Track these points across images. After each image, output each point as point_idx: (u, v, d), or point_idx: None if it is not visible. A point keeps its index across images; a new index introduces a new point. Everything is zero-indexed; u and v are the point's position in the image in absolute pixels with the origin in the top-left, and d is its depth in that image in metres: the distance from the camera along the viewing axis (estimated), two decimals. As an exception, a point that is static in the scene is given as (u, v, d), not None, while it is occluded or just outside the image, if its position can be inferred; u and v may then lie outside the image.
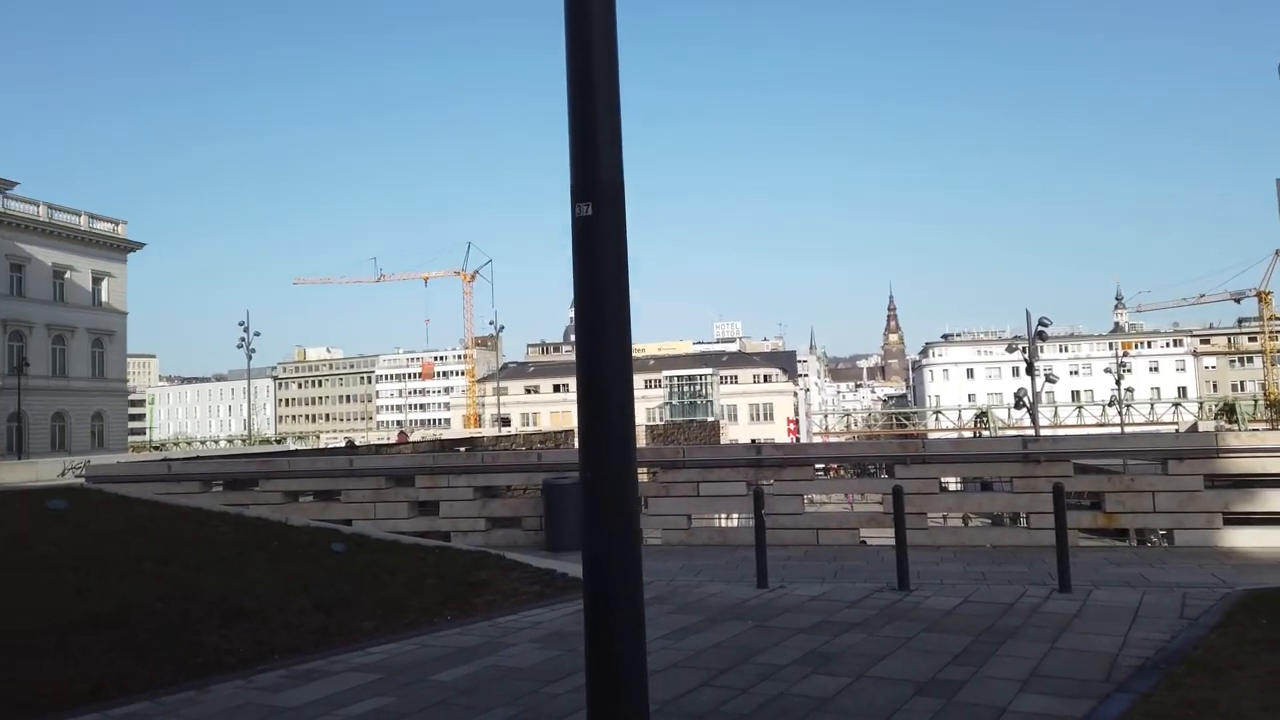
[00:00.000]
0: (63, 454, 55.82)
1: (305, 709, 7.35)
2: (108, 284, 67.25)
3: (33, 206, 61.59)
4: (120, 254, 69.07)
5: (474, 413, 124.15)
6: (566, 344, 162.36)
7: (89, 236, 65.77)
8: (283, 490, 18.04)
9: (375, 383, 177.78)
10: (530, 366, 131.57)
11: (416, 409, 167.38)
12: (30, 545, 11.31)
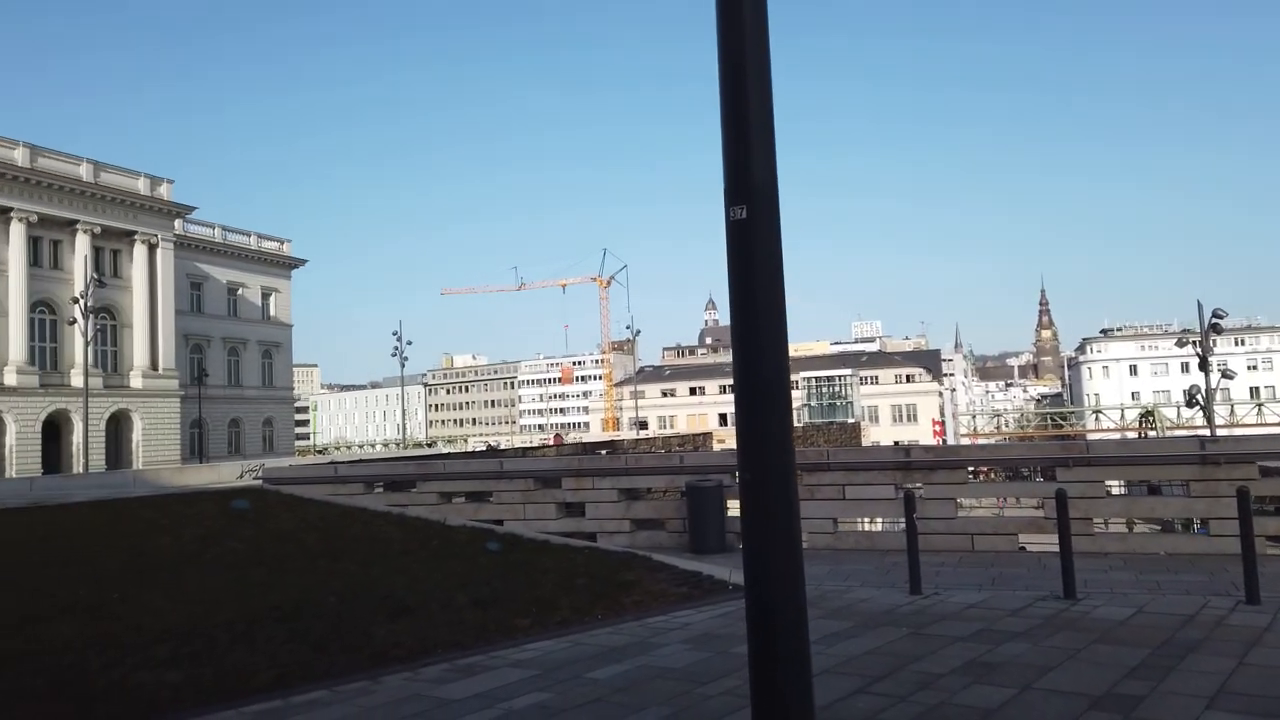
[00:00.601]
0: (238, 457, 60.29)
1: (469, 702, 7.66)
2: (275, 299, 72.25)
3: (209, 229, 66.89)
4: (285, 270, 74.07)
5: (612, 416, 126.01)
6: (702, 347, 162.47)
7: (258, 255, 70.83)
8: (438, 491, 18.86)
9: (518, 388, 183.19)
10: (666, 370, 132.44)
11: (556, 413, 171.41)
12: (219, 542, 12.29)
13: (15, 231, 47.68)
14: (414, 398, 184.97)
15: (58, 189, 49.46)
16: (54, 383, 49.58)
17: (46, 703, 8.22)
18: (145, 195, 55.04)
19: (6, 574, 10.66)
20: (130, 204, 53.82)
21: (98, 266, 51.01)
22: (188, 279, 63.21)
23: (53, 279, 50.12)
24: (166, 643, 9.25)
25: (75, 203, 50.79)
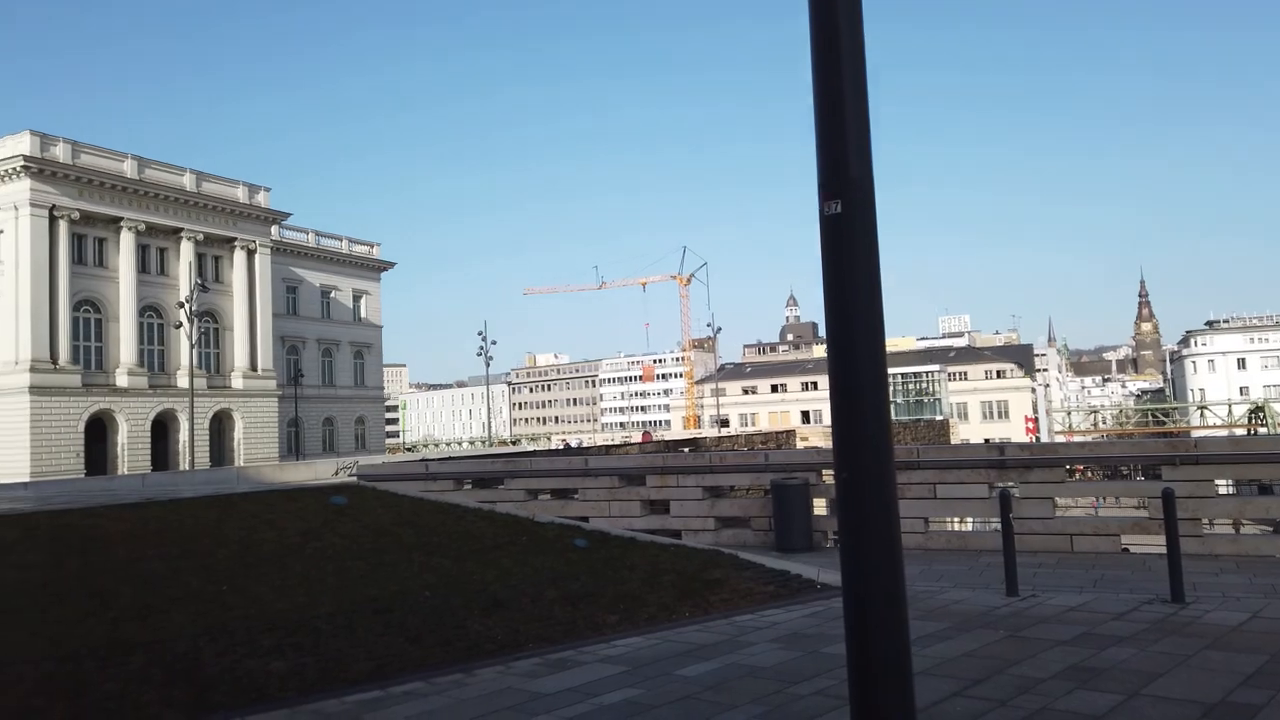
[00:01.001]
0: (331, 455, 62.37)
1: (561, 696, 7.77)
2: (365, 301, 74.46)
3: (303, 234, 69.34)
4: (375, 273, 76.25)
5: (693, 414, 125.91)
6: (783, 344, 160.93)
7: (349, 259, 73.11)
8: (525, 489, 19.17)
9: (599, 386, 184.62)
10: (747, 368, 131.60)
11: (638, 411, 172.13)
12: (320, 536, 12.74)
13: (125, 240, 50.28)
14: (498, 396, 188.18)
15: (163, 199, 51.98)
16: (161, 384, 52.11)
17: (164, 688, 8.65)
18: (244, 203, 57.38)
19: (128, 567, 11.26)
20: (230, 211, 56.19)
21: (200, 272, 53.41)
22: (284, 283, 65.65)
23: (159, 285, 52.66)
24: (273, 633, 9.63)
25: (180, 211, 53.26)
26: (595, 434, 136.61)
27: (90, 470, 46.09)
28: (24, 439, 44.88)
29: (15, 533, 12.07)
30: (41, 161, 45.98)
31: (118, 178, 49.98)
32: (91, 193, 48.83)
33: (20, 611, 9.65)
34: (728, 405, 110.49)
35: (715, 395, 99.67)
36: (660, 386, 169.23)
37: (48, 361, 45.83)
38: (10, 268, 45.88)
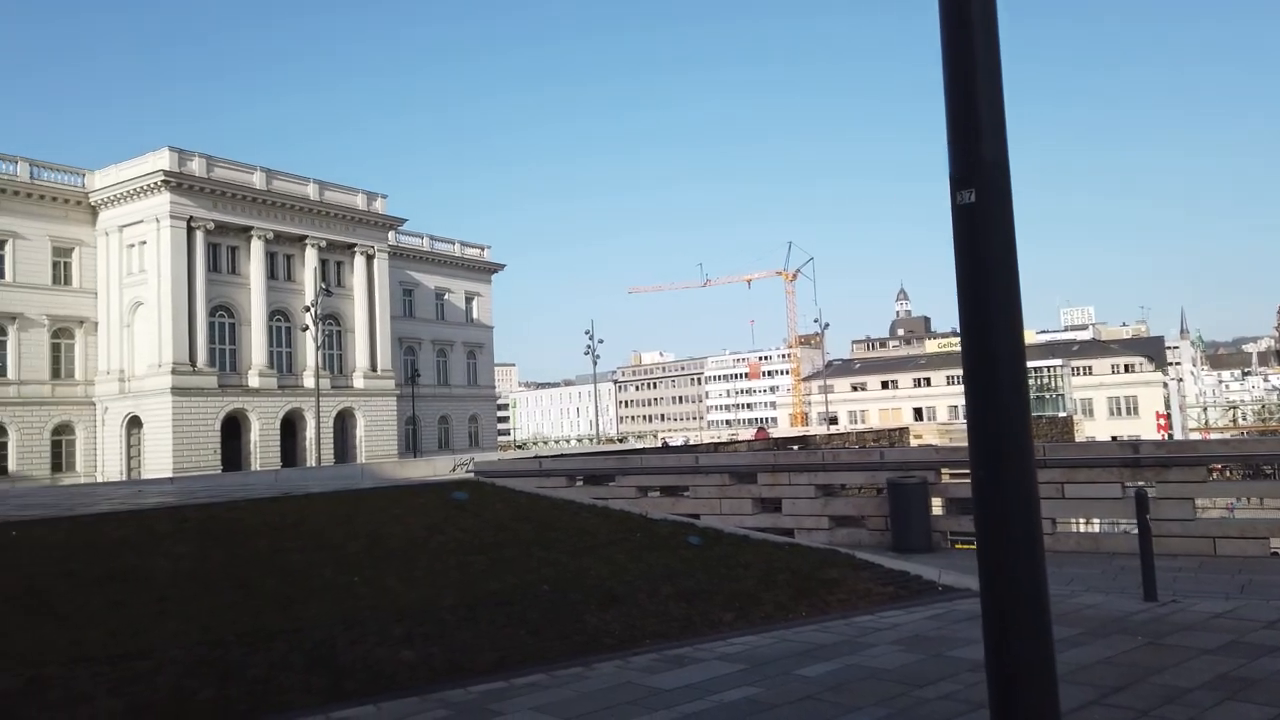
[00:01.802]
0: (447, 452, 64.38)
1: (680, 692, 7.80)
2: (477, 302, 76.53)
3: (418, 239, 71.76)
4: (486, 275, 78.28)
5: (800, 411, 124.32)
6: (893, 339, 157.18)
7: (461, 261, 75.26)
8: (635, 485, 19.33)
9: (705, 384, 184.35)
10: (856, 363, 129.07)
11: (744, 408, 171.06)
12: (443, 531, 13.18)
13: (255, 248, 53.13)
14: (604, 394, 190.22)
15: (289, 208, 54.67)
16: (289, 384, 54.84)
17: (303, 674, 9.11)
18: (363, 210, 59.80)
19: (269, 558, 11.90)
20: (350, 219, 58.65)
21: (324, 277, 55.93)
22: (400, 286, 68.09)
23: (287, 290, 55.41)
24: (402, 623, 10.01)
25: (304, 219, 55.93)
26: (701, 432, 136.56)
27: (226, 466, 48.93)
28: (167, 437, 47.96)
29: (167, 525, 12.92)
30: (179, 176, 49.04)
31: (248, 189, 52.85)
32: (224, 204, 51.80)
33: (174, 599, 10.32)
34: (836, 402, 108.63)
35: (823, 392, 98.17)
36: (766, 384, 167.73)
37: (187, 364, 48.85)
38: (153, 276, 49.07)
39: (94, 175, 51.69)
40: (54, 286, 49.59)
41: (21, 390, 47.38)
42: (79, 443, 50.41)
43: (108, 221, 51.05)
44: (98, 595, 10.22)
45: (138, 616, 9.74)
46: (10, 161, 48.19)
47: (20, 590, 10.25)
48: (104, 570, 10.95)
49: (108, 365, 50.50)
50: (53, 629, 9.38)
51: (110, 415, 50.45)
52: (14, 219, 47.54)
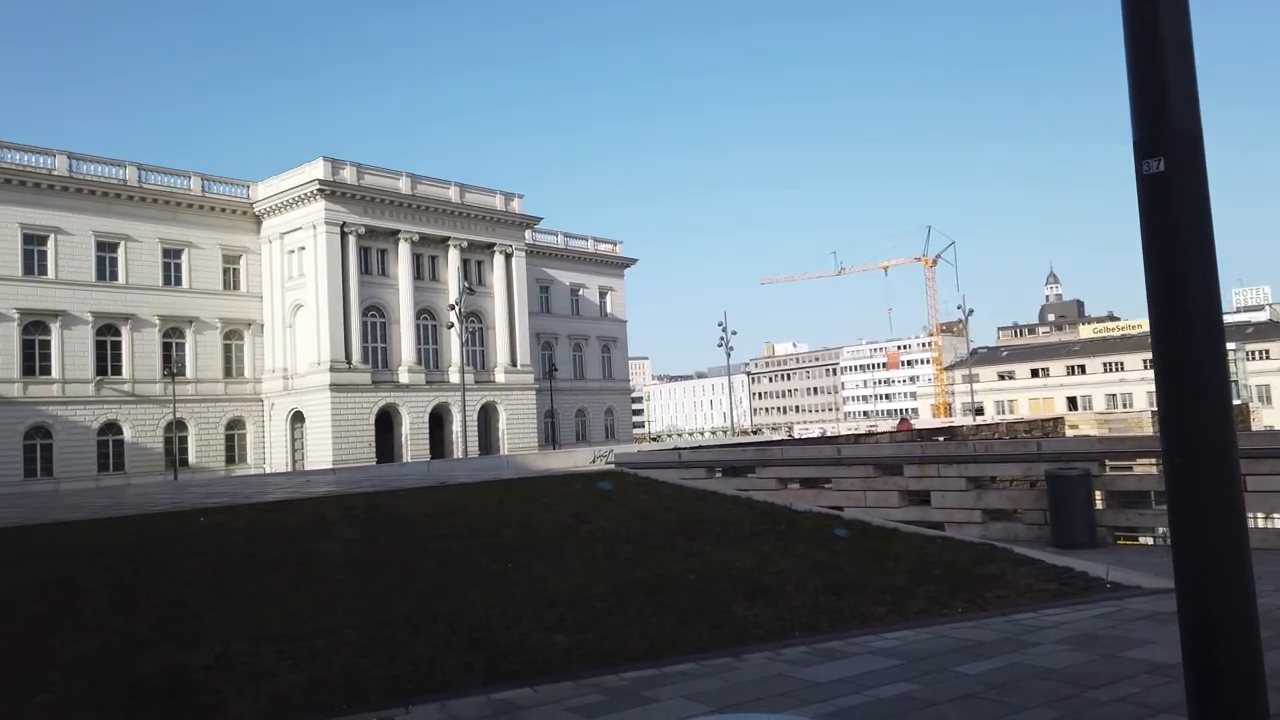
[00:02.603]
0: (584, 444, 65.64)
1: (833, 686, 7.68)
2: (610, 297, 77.65)
3: (553, 236, 73.42)
4: (619, 270, 79.32)
5: (943, 401, 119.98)
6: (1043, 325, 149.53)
7: (595, 257, 76.53)
8: (776, 477, 19.16)
9: (840, 374, 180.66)
10: (1003, 351, 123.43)
11: (882, 399, 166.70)
12: (590, 520, 13.46)
13: (403, 250, 55.67)
14: (737, 386, 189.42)
15: (433, 210, 56.99)
16: (436, 380, 57.22)
17: (463, 655, 9.49)
18: (501, 210, 61.68)
19: (428, 544, 12.47)
20: (489, 219, 60.61)
21: (465, 276, 58.03)
22: (537, 283, 69.89)
23: (431, 289, 57.82)
24: (554, 609, 10.28)
25: (446, 221, 58.18)
26: (837, 423, 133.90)
27: (379, 458, 51.59)
28: (326, 431, 50.97)
29: (336, 512, 13.73)
30: (333, 184, 51.93)
31: (395, 194, 55.41)
32: (374, 209, 54.50)
33: (345, 582, 10.96)
34: (982, 392, 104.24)
35: (968, 381, 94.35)
36: (906, 374, 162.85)
37: (343, 362, 51.74)
38: (311, 280, 52.20)
39: (257, 186, 55.44)
40: (224, 291, 53.51)
41: (199, 388, 51.41)
42: (249, 436, 54.27)
43: (270, 229, 54.67)
44: (277, 577, 10.97)
45: (313, 597, 10.40)
46: (184, 177, 52.30)
47: (209, 573, 11.12)
48: (282, 554, 11.75)
49: (273, 364, 54.12)
50: (239, 608, 10.14)
51: (276, 411, 54.08)
52: (188, 230, 51.58)
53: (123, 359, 48.01)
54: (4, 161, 44.00)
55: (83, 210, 46.54)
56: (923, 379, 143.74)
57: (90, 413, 46.28)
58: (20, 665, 8.84)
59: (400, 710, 8.03)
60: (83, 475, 44.99)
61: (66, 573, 11.10)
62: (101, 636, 9.45)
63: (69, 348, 45.70)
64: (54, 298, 45.12)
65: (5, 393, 43.25)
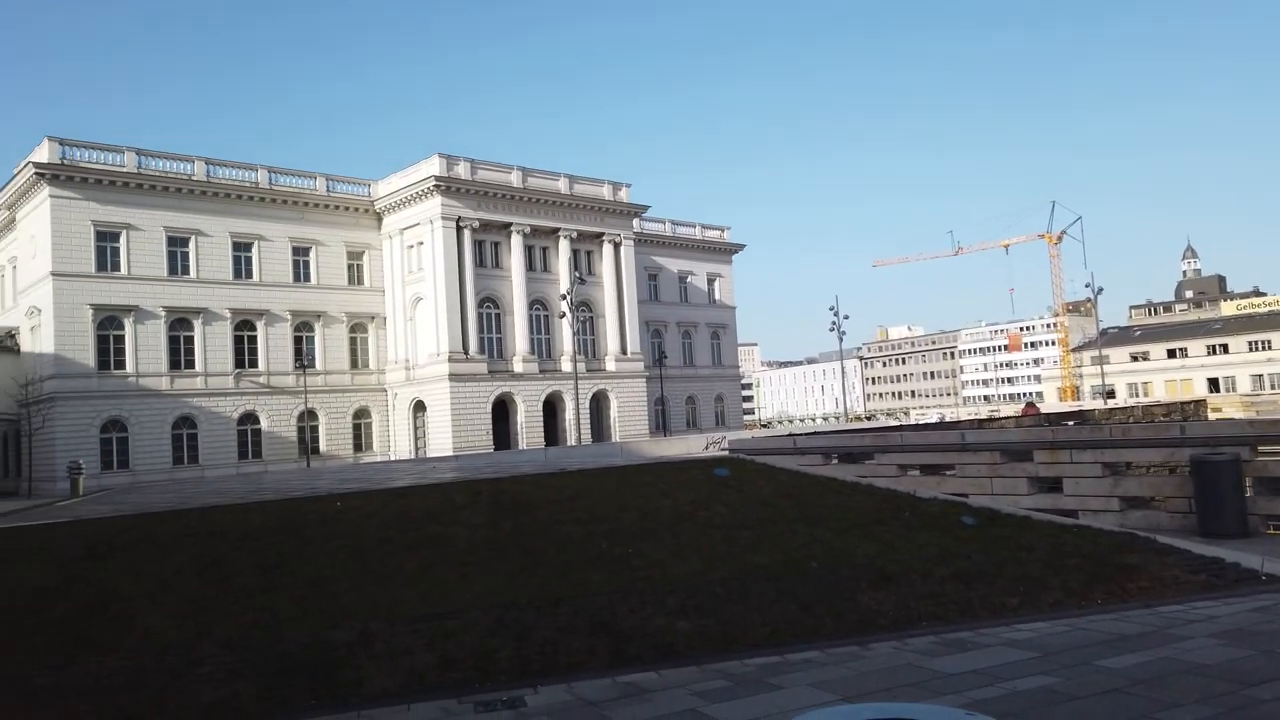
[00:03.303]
0: (694, 431, 65.65)
1: (965, 677, 7.47)
2: (719, 283, 77.34)
3: (660, 224, 73.56)
4: (727, 256, 78.88)
5: (1070, 384, 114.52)
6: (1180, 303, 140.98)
7: (702, 244, 76.31)
8: (896, 464, 18.70)
9: (958, 358, 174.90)
10: (1136, 331, 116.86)
11: (1003, 382, 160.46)
12: (708, 506, 13.49)
13: (515, 242, 56.87)
14: (849, 371, 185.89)
15: (543, 202, 57.97)
16: (549, 369, 58.32)
17: (587, 638, 9.67)
18: (609, 200, 62.20)
19: (550, 529, 12.75)
20: (597, 209, 61.22)
21: (575, 266, 58.83)
22: (645, 271, 70.23)
23: (543, 280, 58.88)
24: (675, 594, 10.35)
25: (556, 213, 59.08)
26: (956, 408, 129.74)
27: (496, 446, 52.97)
28: (446, 419, 52.66)
29: (462, 498, 14.19)
30: (449, 180, 53.46)
31: (507, 188, 56.62)
32: (487, 203, 55.85)
33: (473, 565, 11.33)
34: (1113, 374, 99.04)
35: (1097, 363, 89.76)
36: (1029, 356, 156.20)
37: (461, 353, 53.31)
38: (429, 274, 53.94)
39: (377, 185, 57.58)
40: (349, 286, 55.86)
41: (327, 379, 53.92)
42: (375, 425, 56.63)
43: (390, 226, 56.74)
44: (410, 559, 11.43)
45: (444, 579, 10.79)
46: (310, 178, 54.81)
47: (347, 555, 11.68)
48: (413, 537, 12.23)
49: (395, 355, 56.26)
50: (375, 589, 10.62)
51: (399, 400, 56.23)
52: (315, 228, 54.06)
53: (258, 353, 50.81)
54: (148, 169, 47.08)
55: (220, 213, 49.40)
56: (1047, 361, 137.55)
57: (230, 404, 49.21)
58: (181, 640, 9.50)
59: (529, 690, 8.26)
60: (224, 463, 47.94)
61: (218, 554, 11.85)
62: (252, 614, 10.06)
63: (210, 343, 48.69)
64: (196, 296, 48.11)
65: (155, 386, 46.40)
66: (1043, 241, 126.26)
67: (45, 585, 10.83)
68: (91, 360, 43.66)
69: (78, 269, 43.74)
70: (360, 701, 8.30)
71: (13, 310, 49.56)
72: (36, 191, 44.29)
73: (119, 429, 44.72)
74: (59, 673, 8.83)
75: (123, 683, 8.73)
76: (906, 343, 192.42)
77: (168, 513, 14.99)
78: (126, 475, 42.90)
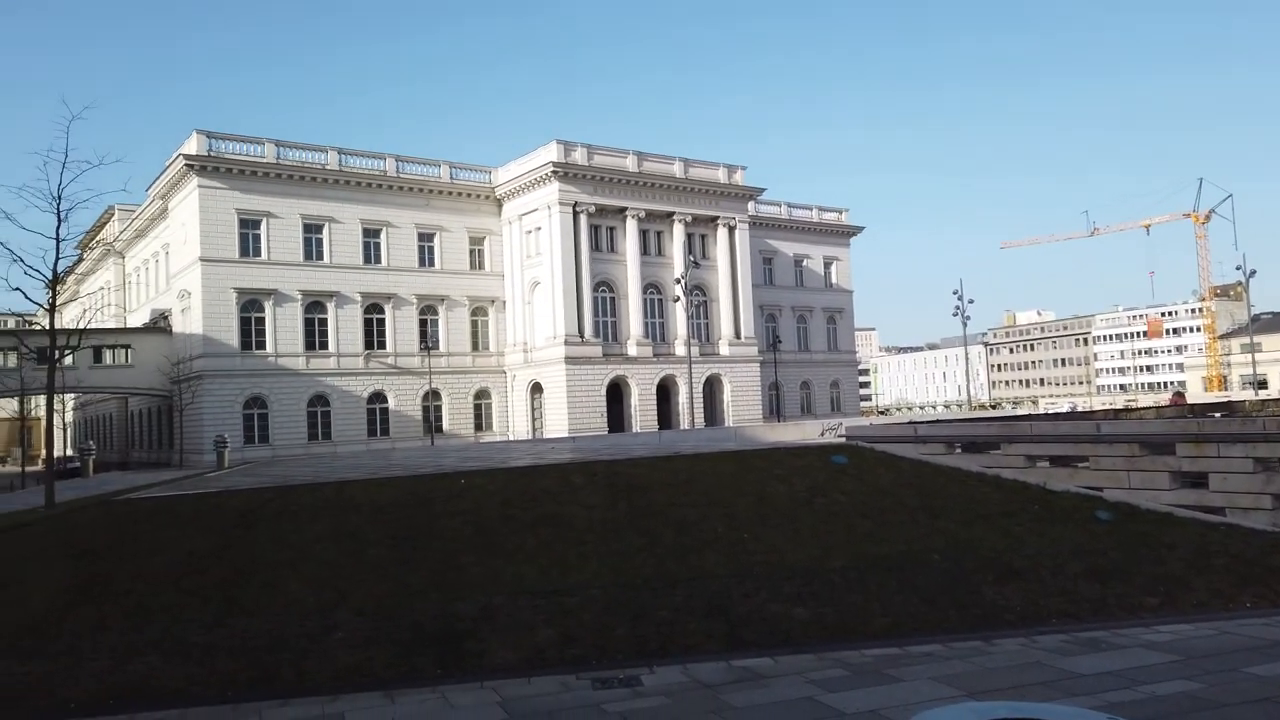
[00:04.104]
0: (809, 417, 64.75)
1: (1100, 679, 7.17)
2: (835, 267, 75.84)
3: (776, 207, 72.60)
4: (844, 239, 77.24)
5: (1217, 374, 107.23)
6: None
7: (819, 227, 74.91)
8: (1024, 454, 17.94)
9: (1092, 344, 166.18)
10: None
11: (1142, 370, 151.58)
12: (825, 493, 13.32)
13: (630, 227, 57.24)
14: (973, 358, 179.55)
15: (658, 187, 58.08)
16: (663, 352, 58.54)
17: (703, 620, 9.73)
18: (724, 183, 61.76)
19: (665, 511, 12.85)
20: (712, 192, 60.88)
21: (690, 250, 58.74)
22: (760, 254, 69.46)
23: (657, 264, 59.06)
24: (791, 580, 10.29)
25: (671, 197, 59.11)
26: (1089, 397, 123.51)
27: (609, 428, 53.66)
28: (562, 401, 53.67)
29: (580, 478, 14.46)
30: (566, 166, 54.24)
31: (622, 172, 57.01)
32: (603, 188, 56.40)
33: (590, 543, 11.55)
34: (1266, 363, 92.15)
35: (1248, 351, 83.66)
36: (1170, 343, 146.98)
37: (577, 336, 54.16)
38: (546, 259, 54.96)
39: (497, 171, 58.92)
40: (471, 271, 57.46)
41: (450, 361, 55.76)
42: (494, 405, 58.25)
43: (510, 212, 58.03)
44: (531, 537, 11.75)
45: (563, 557, 11.05)
46: (434, 165, 56.59)
47: (472, 531, 12.10)
48: (535, 515, 12.55)
49: (514, 339, 57.63)
50: (499, 564, 10.97)
51: (517, 382, 57.63)
52: (439, 215, 55.83)
53: (386, 334, 52.95)
54: (286, 159, 49.62)
55: (351, 200, 51.64)
56: (1191, 349, 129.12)
57: (360, 383, 51.53)
58: (318, 606, 10.07)
59: (645, 669, 8.38)
60: (355, 439, 50.26)
61: (353, 526, 12.47)
62: (384, 584, 10.57)
63: (342, 325, 51.04)
64: (329, 280, 50.49)
65: (292, 365, 49.03)
66: (1188, 221, 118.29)
67: (201, 550, 11.65)
68: (235, 340, 46.47)
69: (223, 254, 46.57)
70: (484, 673, 8.61)
71: (165, 293, 53.20)
72: (186, 182, 47.35)
73: (260, 405, 47.49)
74: (210, 632, 9.51)
75: (266, 644, 9.34)
76: (1036, 328, 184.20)
77: (305, 486, 15.85)
78: (266, 449, 45.57)
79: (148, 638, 9.39)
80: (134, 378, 48.05)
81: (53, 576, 10.88)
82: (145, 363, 47.75)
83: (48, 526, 12.92)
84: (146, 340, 49.58)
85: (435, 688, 8.15)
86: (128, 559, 11.40)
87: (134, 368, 47.96)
